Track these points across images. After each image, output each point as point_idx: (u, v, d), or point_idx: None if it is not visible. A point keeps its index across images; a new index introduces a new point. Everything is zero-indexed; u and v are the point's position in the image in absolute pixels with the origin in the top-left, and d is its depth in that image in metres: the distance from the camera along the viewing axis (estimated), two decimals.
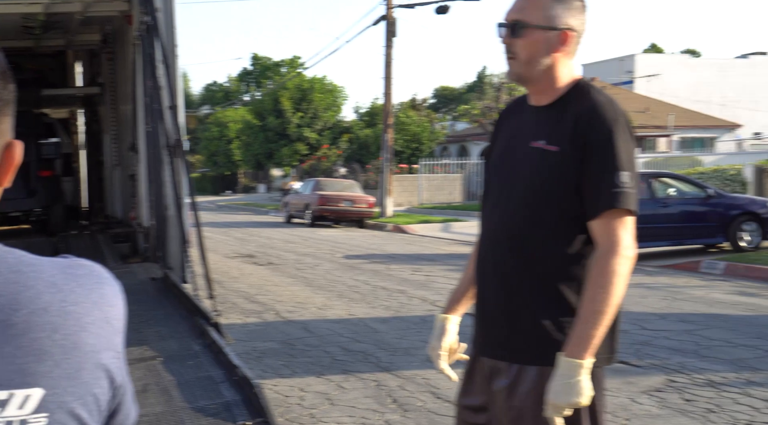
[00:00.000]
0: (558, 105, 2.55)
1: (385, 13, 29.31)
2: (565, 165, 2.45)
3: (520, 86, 2.69)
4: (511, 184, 2.58)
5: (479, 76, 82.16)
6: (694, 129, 43.69)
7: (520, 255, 2.52)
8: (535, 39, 2.54)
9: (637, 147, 2.55)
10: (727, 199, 17.10)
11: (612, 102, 2.50)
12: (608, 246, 2.39)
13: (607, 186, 2.39)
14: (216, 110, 64.02)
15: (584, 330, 2.36)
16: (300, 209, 28.90)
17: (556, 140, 2.48)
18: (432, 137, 43.26)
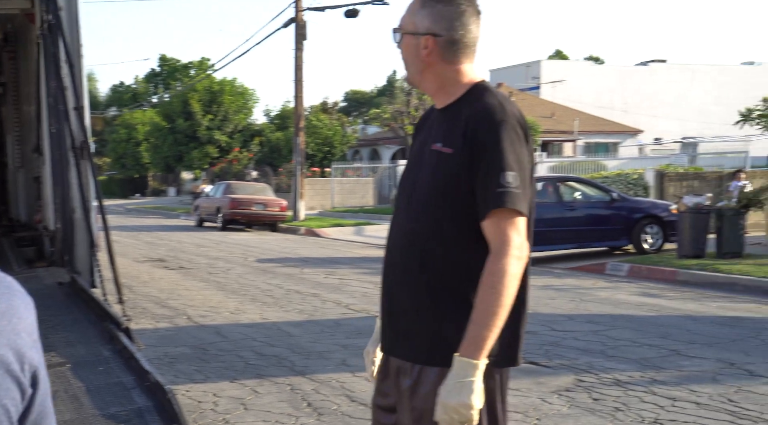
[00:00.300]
0: (453, 108, 2.58)
1: (295, 15, 29.21)
2: (458, 166, 2.48)
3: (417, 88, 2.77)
4: (413, 187, 2.62)
5: (389, 80, 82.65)
6: (598, 134, 44.79)
7: (419, 257, 2.54)
8: (407, 44, 2.62)
9: (535, 149, 2.60)
10: (630, 202, 17.59)
11: (503, 104, 2.52)
12: (498, 247, 2.41)
13: (493, 186, 2.41)
14: (123, 112, 62.80)
15: (477, 331, 2.37)
16: (211, 213, 28.58)
17: (451, 142, 2.51)
18: (344, 141, 43.29)
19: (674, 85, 54.30)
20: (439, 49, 2.59)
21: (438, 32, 2.58)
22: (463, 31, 2.59)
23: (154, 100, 63.93)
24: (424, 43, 2.59)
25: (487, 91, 2.58)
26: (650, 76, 54.30)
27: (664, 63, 55.81)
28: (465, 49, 2.61)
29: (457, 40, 2.59)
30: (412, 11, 2.63)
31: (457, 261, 2.50)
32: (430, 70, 2.62)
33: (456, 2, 2.59)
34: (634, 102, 53.34)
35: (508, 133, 2.46)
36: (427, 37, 2.59)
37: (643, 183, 24.06)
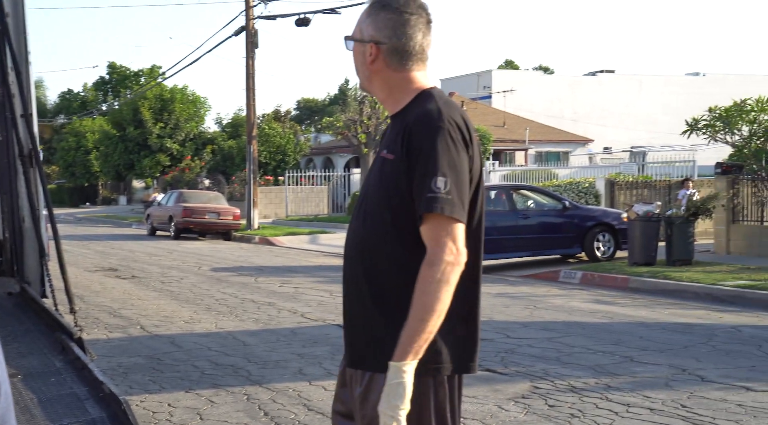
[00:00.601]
0: (400, 115, 2.60)
1: (246, 23, 29.09)
2: (399, 172, 2.49)
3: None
4: (365, 194, 2.64)
5: (341, 89, 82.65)
6: (548, 143, 45.23)
7: (365, 264, 2.56)
8: (356, 52, 2.67)
9: (486, 156, 2.61)
10: (582, 210, 17.78)
11: (441, 109, 2.51)
12: (431, 253, 2.41)
13: (425, 191, 2.42)
14: (72, 120, 61.95)
15: (408, 336, 2.37)
16: (164, 221, 28.30)
17: (393, 149, 2.53)
18: (297, 149, 43.16)
19: (622, 95, 55.05)
20: (384, 57, 2.61)
21: (381, 40, 2.60)
22: (406, 39, 2.60)
23: (104, 107, 63.19)
24: (369, 51, 2.62)
25: (431, 97, 2.58)
26: (599, 86, 55.00)
27: (613, 73, 56.57)
28: (411, 56, 2.61)
29: (400, 47, 2.60)
30: (361, 19, 2.66)
31: (400, 267, 2.50)
32: (377, 77, 2.65)
33: (400, 10, 2.60)
34: (584, 111, 53.98)
35: (442, 138, 2.46)
36: (371, 44, 2.61)
37: (594, 191, 24.35)
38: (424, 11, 2.64)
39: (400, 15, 2.60)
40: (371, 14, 2.63)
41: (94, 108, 63.57)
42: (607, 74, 56.14)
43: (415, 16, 2.61)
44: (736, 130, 17.37)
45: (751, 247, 17.59)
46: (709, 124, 17.64)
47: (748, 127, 17.23)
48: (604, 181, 24.04)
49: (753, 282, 13.05)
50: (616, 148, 45.48)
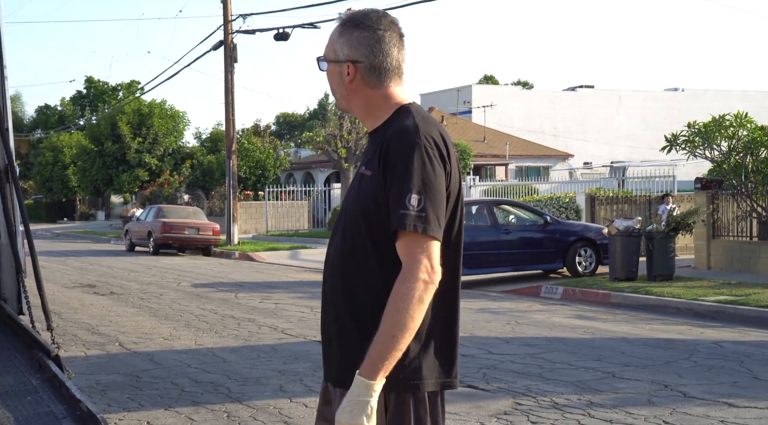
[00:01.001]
0: (378, 131, 2.59)
1: (225, 38, 29.00)
2: (377, 187, 2.48)
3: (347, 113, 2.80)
4: (343, 210, 2.63)
5: (321, 104, 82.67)
6: (529, 158, 45.37)
7: (344, 280, 2.55)
8: (330, 72, 2.65)
9: (466, 171, 2.59)
10: (563, 225, 17.80)
11: (418, 125, 2.50)
12: (405, 270, 2.39)
13: (399, 207, 2.40)
14: (50, 134, 61.56)
15: (378, 352, 2.35)
16: (143, 237, 28.12)
17: (371, 165, 2.52)
18: (277, 164, 43.06)
19: (602, 110, 55.37)
20: (361, 75, 2.60)
21: (357, 59, 2.59)
22: (382, 56, 2.59)
23: (82, 122, 62.86)
24: (346, 71, 2.60)
25: (408, 113, 2.58)
26: (579, 101, 55.31)
27: (592, 88, 56.91)
28: (388, 73, 2.61)
29: (377, 65, 2.59)
30: (333, 39, 2.64)
31: (377, 283, 2.49)
32: (355, 96, 2.63)
33: (373, 27, 2.59)
34: (564, 126, 54.24)
35: (418, 154, 2.45)
36: (347, 64, 2.60)
37: (575, 206, 24.40)
38: (396, 26, 2.63)
39: (374, 32, 2.59)
40: (344, 33, 2.61)
41: (72, 122, 63.24)
42: (587, 89, 56.46)
43: (389, 32, 2.60)
44: (715, 146, 17.47)
45: (731, 262, 17.67)
46: (689, 139, 17.73)
47: (727, 142, 17.34)
48: (584, 196, 24.09)
49: (734, 297, 13.09)
50: (596, 162, 45.68)
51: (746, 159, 17.22)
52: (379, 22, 2.60)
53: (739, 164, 17.24)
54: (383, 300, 2.41)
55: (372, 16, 2.61)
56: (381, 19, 2.61)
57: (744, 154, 17.23)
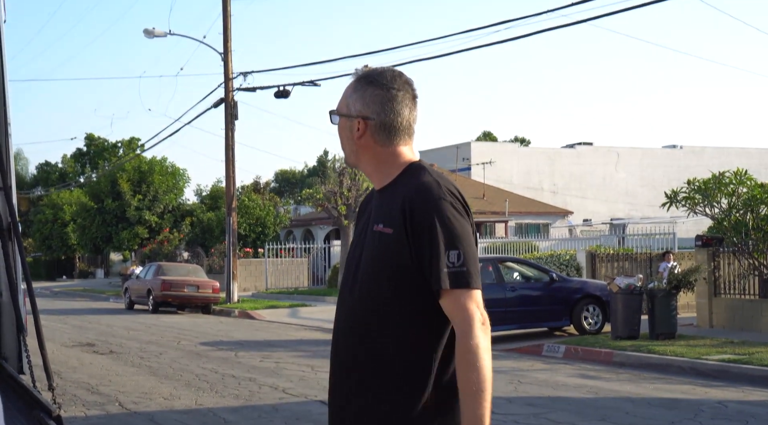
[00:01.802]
0: (390, 188, 2.61)
1: (225, 95, 29.20)
2: (399, 245, 2.49)
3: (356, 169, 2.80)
4: (357, 268, 2.61)
5: (320, 161, 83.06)
6: (528, 215, 45.44)
7: (364, 339, 2.53)
8: (342, 127, 2.68)
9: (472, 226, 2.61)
10: (569, 282, 17.78)
11: (438, 181, 2.54)
12: (462, 325, 2.42)
13: (441, 266, 2.43)
14: (50, 191, 61.71)
15: (472, 413, 2.37)
16: (142, 295, 28.02)
17: (390, 222, 2.53)
18: (276, 221, 43.10)
19: (600, 167, 55.60)
20: (372, 132, 2.63)
21: (369, 115, 2.63)
22: (394, 114, 2.63)
23: (82, 179, 63.06)
24: (356, 126, 2.63)
25: (423, 170, 2.61)
26: (577, 158, 55.57)
27: (591, 145, 57.20)
28: (398, 132, 2.64)
29: (388, 123, 2.63)
30: (347, 94, 2.67)
31: (402, 339, 2.49)
32: (365, 152, 2.66)
33: (387, 86, 2.63)
34: (563, 183, 54.42)
35: (447, 210, 2.49)
36: (359, 119, 2.62)
37: (575, 264, 24.37)
38: (410, 87, 2.67)
39: (387, 91, 2.63)
40: (358, 89, 2.64)
41: (72, 180, 63.45)
42: (586, 146, 56.75)
43: (402, 92, 2.64)
44: (715, 203, 17.51)
45: (734, 321, 17.59)
46: (688, 196, 17.78)
47: (727, 199, 17.38)
48: (585, 254, 24.09)
49: (737, 356, 13.01)
50: (596, 219, 45.75)
51: (747, 216, 17.24)
52: (394, 81, 2.64)
53: (740, 221, 17.26)
54: (407, 355, 2.45)
55: (387, 74, 2.66)
56: (396, 79, 2.65)
57: (744, 211, 17.26)
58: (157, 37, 29.74)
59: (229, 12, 29.05)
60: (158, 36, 29.70)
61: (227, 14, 29.03)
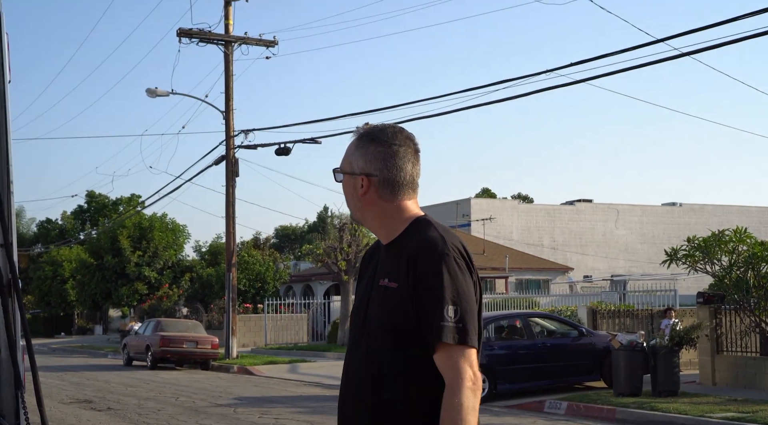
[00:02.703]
0: (396, 243, 2.63)
1: (227, 153, 29.33)
2: (404, 300, 2.51)
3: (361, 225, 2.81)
4: (363, 323, 2.63)
5: (320, 217, 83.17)
6: (528, 271, 45.39)
7: (371, 393, 2.54)
8: (346, 184, 2.71)
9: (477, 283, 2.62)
10: (598, 336, 17.90)
11: (444, 236, 2.56)
12: (451, 381, 2.42)
13: (436, 320, 2.44)
14: (50, 248, 61.67)
15: None
16: (141, 351, 27.85)
17: (395, 277, 2.55)
18: (276, 277, 43.01)
19: (600, 224, 55.72)
20: (375, 188, 2.66)
21: (372, 172, 2.66)
22: (396, 170, 2.66)
23: (82, 236, 63.06)
24: (360, 183, 2.66)
25: (429, 225, 2.64)
26: (577, 214, 55.71)
27: (590, 203, 57.38)
28: (401, 187, 2.67)
29: (391, 179, 2.66)
30: (349, 151, 2.70)
31: (407, 395, 2.50)
32: (370, 208, 2.69)
33: (388, 142, 2.67)
34: (563, 239, 54.46)
35: (449, 266, 2.50)
36: (362, 176, 2.65)
37: (576, 320, 24.25)
38: (411, 142, 2.71)
39: (389, 147, 2.66)
40: (360, 147, 2.68)
41: (72, 237, 63.45)
42: (585, 203, 56.93)
43: (404, 147, 2.67)
44: (715, 260, 17.50)
45: (737, 378, 17.46)
46: (689, 253, 17.77)
47: (727, 257, 17.37)
48: (586, 310, 24.00)
49: (741, 414, 12.89)
50: (596, 276, 45.69)
51: (747, 273, 17.22)
52: (395, 137, 2.68)
53: (741, 279, 17.23)
54: (418, 411, 2.46)
55: (388, 131, 2.69)
56: (397, 135, 2.69)
57: (745, 269, 17.24)
58: (160, 96, 29.98)
59: (231, 72, 29.35)
60: (161, 95, 29.93)
61: (229, 74, 29.33)
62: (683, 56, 16.32)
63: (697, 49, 15.92)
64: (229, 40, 29.22)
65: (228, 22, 29.29)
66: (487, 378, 15.59)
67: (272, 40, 29.64)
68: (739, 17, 14.86)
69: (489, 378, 15.76)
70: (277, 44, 29.69)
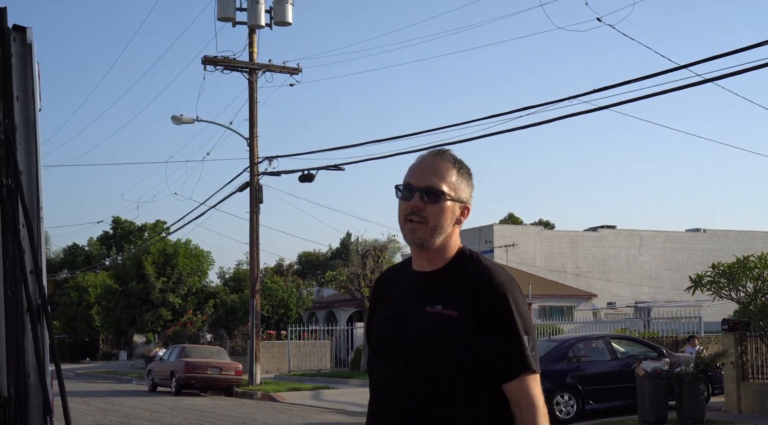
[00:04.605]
0: (448, 270, 2.67)
1: (251, 179, 29.45)
2: (466, 328, 2.55)
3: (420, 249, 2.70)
4: (408, 349, 2.62)
5: (343, 243, 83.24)
6: (552, 298, 45.19)
7: (426, 421, 2.56)
8: (447, 208, 2.67)
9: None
10: (676, 357, 18.07)
11: (502, 267, 2.67)
12: (528, 407, 2.52)
13: (517, 350, 2.52)
14: (76, 274, 62.15)
15: None
16: (165, 377, 27.98)
17: (453, 304, 2.58)
18: (299, 303, 43.12)
19: (624, 250, 55.41)
20: (467, 217, 2.75)
21: (469, 202, 2.75)
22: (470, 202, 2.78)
23: (107, 262, 63.49)
24: (460, 210, 2.72)
25: (479, 255, 2.72)
26: (600, 241, 55.46)
27: (613, 229, 57.12)
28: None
29: (469, 209, 2.76)
30: (449, 175, 2.70)
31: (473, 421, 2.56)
32: (451, 235, 2.72)
33: (471, 176, 2.78)
34: (586, 266, 54.20)
35: (515, 296, 2.59)
36: (464, 205, 2.73)
37: None
38: None
39: (472, 181, 2.78)
40: (463, 175, 2.74)
41: (98, 262, 63.90)
42: (608, 230, 56.68)
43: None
44: (740, 287, 17.40)
45: (762, 405, 17.29)
46: (713, 280, 17.69)
47: (752, 283, 17.28)
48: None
49: None
50: (620, 303, 45.41)
51: None
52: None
53: (766, 305, 17.12)
54: None
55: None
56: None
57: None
58: (185, 123, 30.22)
59: (255, 99, 29.59)
60: (186, 122, 30.17)
61: (253, 101, 29.56)
62: (706, 82, 16.34)
63: (719, 75, 15.97)
64: (254, 68, 29.47)
65: (252, 49, 29.55)
66: (574, 397, 16.11)
67: (296, 68, 29.86)
68: (761, 44, 14.89)
69: (576, 398, 16.17)
70: (301, 71, 29.92)
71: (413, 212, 2.65)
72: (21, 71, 6.53)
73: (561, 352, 17.02)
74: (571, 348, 17.30)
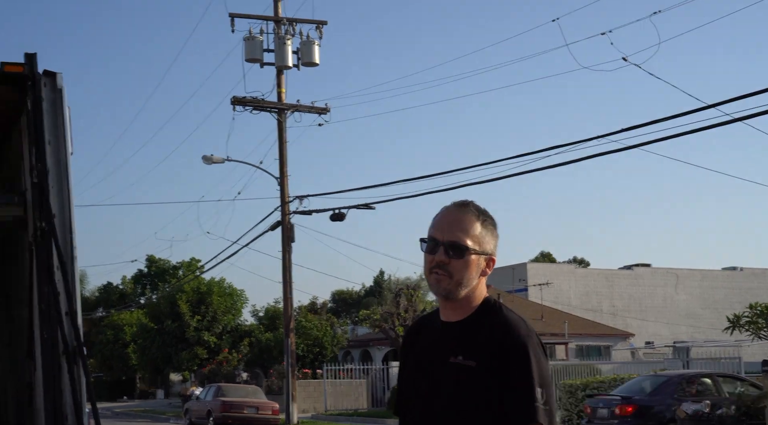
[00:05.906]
0: (471, 321, 2.71)
1: (282, 218, 29.49)
2: (483, 379, 2.59)
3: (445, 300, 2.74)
4: (433, 398, 2.68)
5: (376, 281, 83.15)
6: (588, 337, 44.75)
7: None
8: (471, 262, 2.70)
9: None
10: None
11: (523, 319, 2.68)
12: None
13: (527, 400, 2.54)
14: (111, 313, 62.60)
15: None
16: (202, 416, 28.02)
17: (472, 355, 2.62)
18: (334, 342, 43.05)
19: (660, 288, 54.85)
20: (489, 269, 2.76)
21: (494, 254, 2.76)
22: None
23: (142, 301, 63.91)
24: (485, 263, 2.74)
25: (503, 306, 2.75)
26: (635, 279, 54.96)
27: (648, 267, 56.61)
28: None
29: (494, 261, 2.76)
30: (474, 228, 2.72)
31: None
32: (477, 287, 2.75)
33: (496, 226, 2.77)
34: (622, 305, 53.67)
35: (534, 349, 2.61)
36: (489, 257, 2.74)
37: None
38: None
39: (496, 231, 2.79)
40: (487, 227, 2.75)
41: (133, 301, 64.32)
42: (644, 268, 56.18)
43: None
44: None
45: None
46: (752, 320, 17.50)
47: None
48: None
49: None
50: (657, 342, 44.86)
51: None
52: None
53: None
54: None
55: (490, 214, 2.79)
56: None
57: None
58: (215, 163, 30.40)
59: (284, 138, 29.65)
60: (216, 162, 30.30)
61: (282, 141, 29.64)
62: (735, 122, 16.27)
63: (749, 114, 15.89)
64: (282, 108, 29.57)
65: (280, 90, 29.69)
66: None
67: (324, 107, 29.86)
68: None
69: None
70: (329, 111, 29.89)
71: (438, 265, 2.68)
72: (52, 116, 6.62)
73: (672, 387, 17.27)
74: (678, 384, 17.49)
